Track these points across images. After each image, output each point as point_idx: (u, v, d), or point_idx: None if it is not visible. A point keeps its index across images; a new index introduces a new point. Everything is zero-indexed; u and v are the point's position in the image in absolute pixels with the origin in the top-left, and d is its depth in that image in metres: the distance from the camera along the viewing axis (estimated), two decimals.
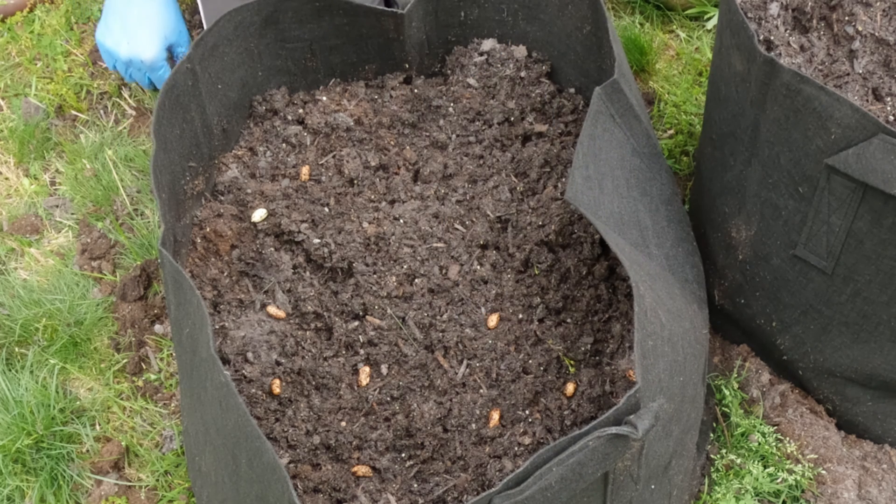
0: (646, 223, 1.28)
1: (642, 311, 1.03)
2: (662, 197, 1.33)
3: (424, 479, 1.19)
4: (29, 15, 2.19)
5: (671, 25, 2.05)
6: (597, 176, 1.21)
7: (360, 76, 1.59)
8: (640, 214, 1.27)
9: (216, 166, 1.44)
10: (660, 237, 1.29)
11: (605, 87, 1.25)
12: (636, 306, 1.03)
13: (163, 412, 1.56)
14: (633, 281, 1.05)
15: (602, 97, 1.25)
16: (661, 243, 1.29)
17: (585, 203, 1.17)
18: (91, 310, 1.67)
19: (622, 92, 1.27)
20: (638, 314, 1.02)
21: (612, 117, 1.26)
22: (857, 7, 1.28)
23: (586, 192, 1.18)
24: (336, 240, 1.37)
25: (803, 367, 1.41)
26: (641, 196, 1.29)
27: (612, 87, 1.26)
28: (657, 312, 1.08)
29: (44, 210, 1.87)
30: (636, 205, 1.27)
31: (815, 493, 1.37)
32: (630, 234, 1.23)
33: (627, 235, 1.22)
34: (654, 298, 1.10)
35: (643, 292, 1.06)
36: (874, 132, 1.06)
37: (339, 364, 1.29)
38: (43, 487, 1.48)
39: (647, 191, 1.31)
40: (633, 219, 1.25)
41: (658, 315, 1.08)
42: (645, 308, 1.04)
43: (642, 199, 1.29)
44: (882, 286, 1.19)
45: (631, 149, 1.30)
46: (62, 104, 2.02)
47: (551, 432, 1.20)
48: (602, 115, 1.25)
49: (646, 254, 1.24)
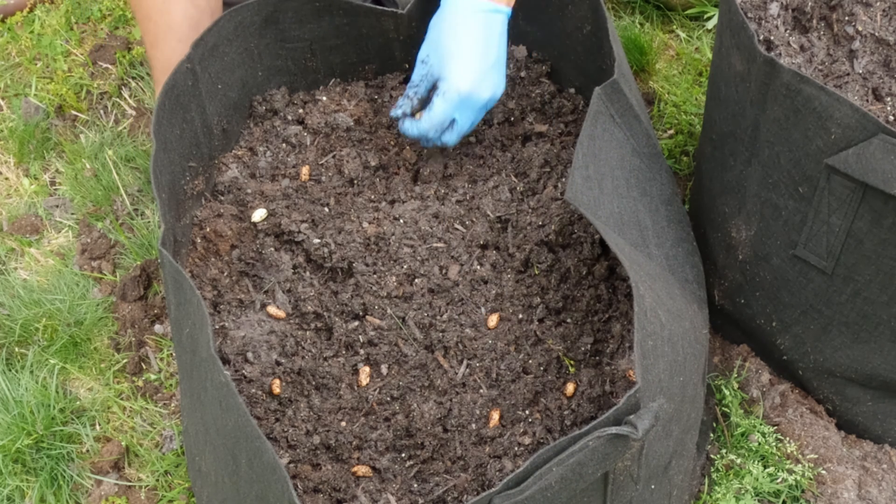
0: (646, 223, 1.28)
1: (642, 311, 1.03)
2: (662, 197, 1.33)
3: (424, 479, 1.19)
4: (29, 15, 2.19)
5: (671, 25, 2.05)
6: (597, 176, 1.21)
7: (360, 76, 1.59)
8: (640, 214, 1.27)
9: (216, 166, 1.44)
10: (660, 237, 1.29)
11: (604, 88, 1.25)
12: (636, 306, 1.03)
13: (163, 412, 1.56)
14: (633, 281, 1.05)
15: (602, 97, 1.24)
16: (661, 243, 1.29)
17: (585, 203, 1.17)
18: (91, 310, 1.67)
19: (622, 92, 1.27)
20: (638, 314, 1.02)
21: (611, 117, 1.26)
22: (857, 7, 1.28)
23: (586, 192, 1.18)
24: (336, 240, 1.37)
25: (803, 367, 1.41)
26: (641, 196, 1.29)
27: (612, 88, 1.26)
28: (657, 312, 1.08)
29: (44, 210, 1.87)
30: (636, 205, 1.27)
31: (815, 493, 1.37)
32: (630, 234, 1.23)
33: (627, 235, 1.22)
34: (653, 298, 1.10)
35: (643, 292, 1.06)
36: (874, 132, 1.06)
37: (339, 364, 1.28)
38: (43, 487, 1.48)
39: (647, 191, 1.31)
40: (633, 219, 1.25)
41: (658, 315, 1.08)
42: (645, 308, 1.04)
43: (642, 199, 1.29)
44: (882, 286, 1.19)
45: (631, 149, 1.30)
46: (62, 104, 2.02)
47: (551, 432, 1.20)
48: (602, 116, 1.25)
49: (646, 254, 1.24)
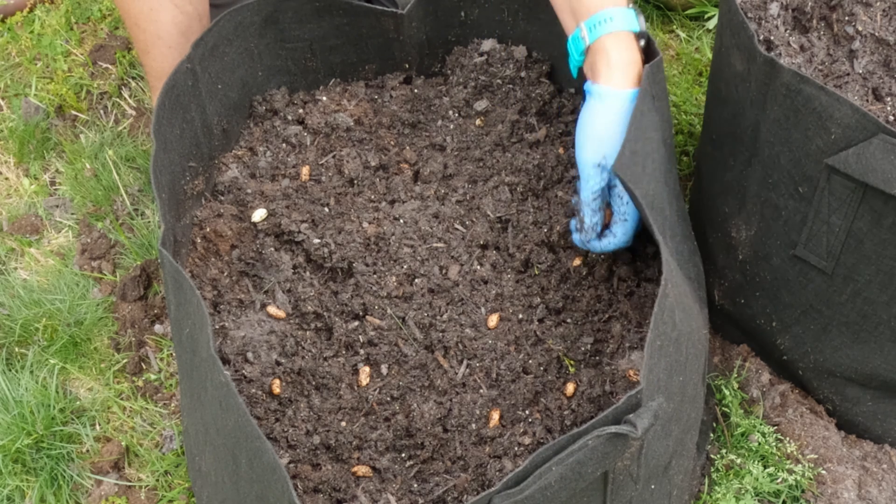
0: (667, 213, 1.25)
1: (661, 311, 1.02)
2: (675, 191, 1.31)
3: (424, 479, 1.19)
4: (29, 15, 2.19)
5: (671, 25, 2.05)
6: (642, 153, 1.17)
7: (360, 76, 1.59)
8: (663, 203, 1.24)
9: (216, 166, 1.44)
10: (672, 230, 1.27)
11: (651, 66, 1.19)
12: (657, 305, 1.02)
13: (163, 412, 1.56)
14: (664, 278, 1.04)
15: (648, 75, 1.19)
16: (673, 236, 1.27)
17: (630, 178, 1.12)
18: (91, 310, 1.67)
19: (663, 73, 1.23)
20: (656, 314, 1.01)
21: (653, 98, 1.21)
22: (857, 7, 1.28)
23: (632, 168, 1.14)
24: (336, 240, 1.37)
25: (803, 367, 1.41)
26: (664, 185, 1.26)
27: (657, 67, 1.21)
28: (674, 312, 1.07)
29: (44, 210, 1.87)
30: (662, 192, 1.24)
31: (815, 493, 1.37)
32: (656, 220, 1.19)
33: (655, 221, 1.20)
34: (675, 296, 1.09)
35: (668, 291, 1.05)
36: (874, 132, 1.06)
37: (339, 364, 1.28)
38: (43, 487, 1.48)
39: (668, 181, 1.27)
40: (660, 205, 1.22)
41: (674, 315, 1.07)
42: (664, 308, 1.03)
43: (664, 188, 1.26)
44: (882, 286, 1.19)
45: (661, 135, 1.26)
46: (62, 104, 2.02)
47: (551, 432, 1.20)
48: (647, 95, 1.19)
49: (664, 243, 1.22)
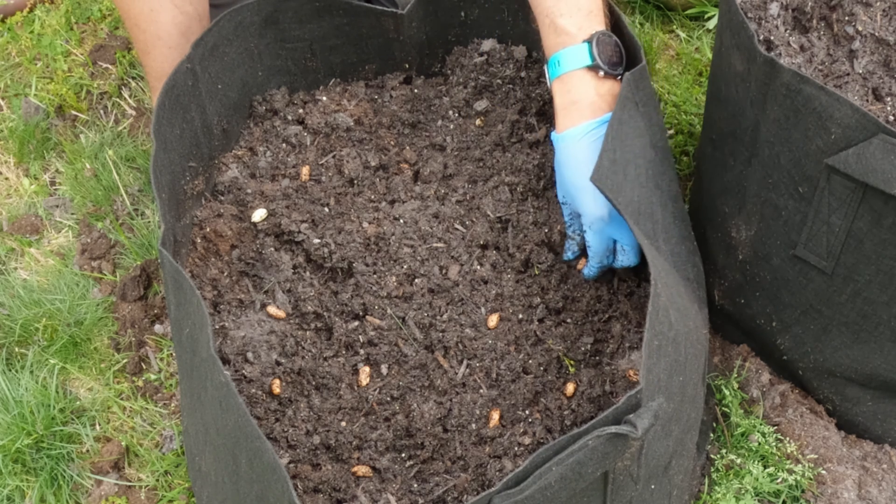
0: (657, 217, 1.25)
1: (655, 311, 1.03)
2: (670, 193, 1.31)
3: (424, 479, 1.19)
4: (29, 15, 2.19)
5: (671, 25, 2.05)
6: (622, 161, 1.18)
7: (360, 76, 1.59)
8: (653, 207, 1.25)
9: (216, 166, 1.44)
10: (667, 232, 1.27)
11: (633, 73, 1.21)
12: (650, 305, 1.02)
13: (163, 412, 1.56)
14: (653, 277, 1.04)
15: (630, 83, 1.20)
16: (668, 238, 1.27)
17: (609, 187, 1.14)
18: (91, 310, 1.67)
19: (647, 80, 1.24)
20: (651, 314, 1.02)
21: (636, 105, 1.23)
22: (857, 7, 1.28)
23: (611, 177, 1.15)
24: (336, 240, 1.37)
25: (803, 367, 1.41)
26: (655, 189, 1.26)
27: (640, 74, 1.22)
28: (668, 312, 1.07)
29: (44, 210, 1.87)
30: (651, 196, 1.24)
31: (815, 493, 1.37)
32: (644, 225, 1.20)
33: (642, 226, 1.20)
34: (668, 296, 1.09)
35: (660, 290, 1.05)
36: (874, 132, 1.06)
37: (339, 364, 1.28)
38: (43, 487, 1.48)
39: (659, 184, 1.28)
40: (648, 210, 1.23)
41: (669, 314, 1.07)
42: (658, 308, 1.04)
43: (655, 191, 1.26)
44: (882, 286, 1.19)
45: (649, 139, 1.27)
46: (62, 104, 2.02)
47: (551, 432, 1.20)
48: (629, 102, 1.21)
49: (656, 247, 1.23)
